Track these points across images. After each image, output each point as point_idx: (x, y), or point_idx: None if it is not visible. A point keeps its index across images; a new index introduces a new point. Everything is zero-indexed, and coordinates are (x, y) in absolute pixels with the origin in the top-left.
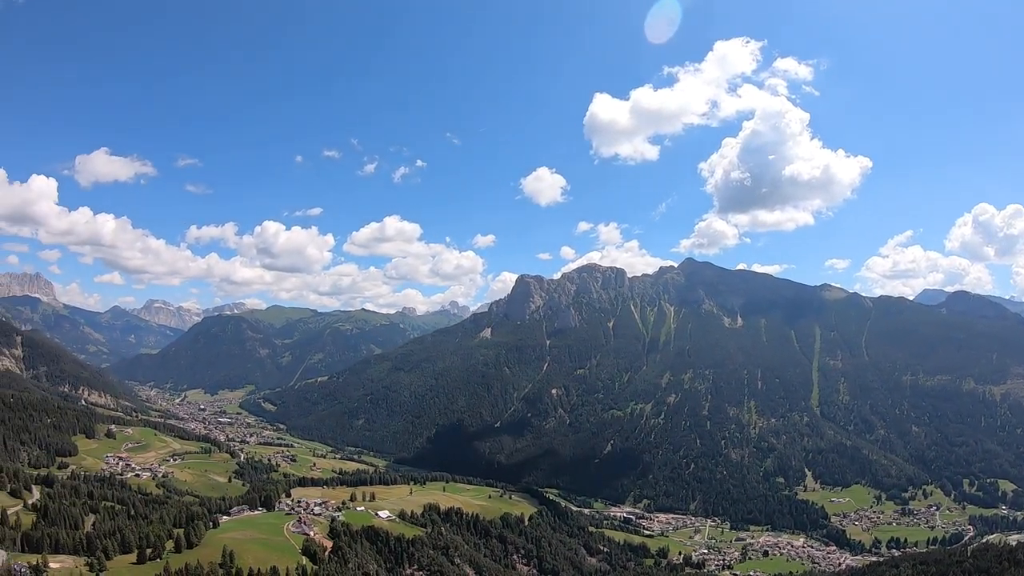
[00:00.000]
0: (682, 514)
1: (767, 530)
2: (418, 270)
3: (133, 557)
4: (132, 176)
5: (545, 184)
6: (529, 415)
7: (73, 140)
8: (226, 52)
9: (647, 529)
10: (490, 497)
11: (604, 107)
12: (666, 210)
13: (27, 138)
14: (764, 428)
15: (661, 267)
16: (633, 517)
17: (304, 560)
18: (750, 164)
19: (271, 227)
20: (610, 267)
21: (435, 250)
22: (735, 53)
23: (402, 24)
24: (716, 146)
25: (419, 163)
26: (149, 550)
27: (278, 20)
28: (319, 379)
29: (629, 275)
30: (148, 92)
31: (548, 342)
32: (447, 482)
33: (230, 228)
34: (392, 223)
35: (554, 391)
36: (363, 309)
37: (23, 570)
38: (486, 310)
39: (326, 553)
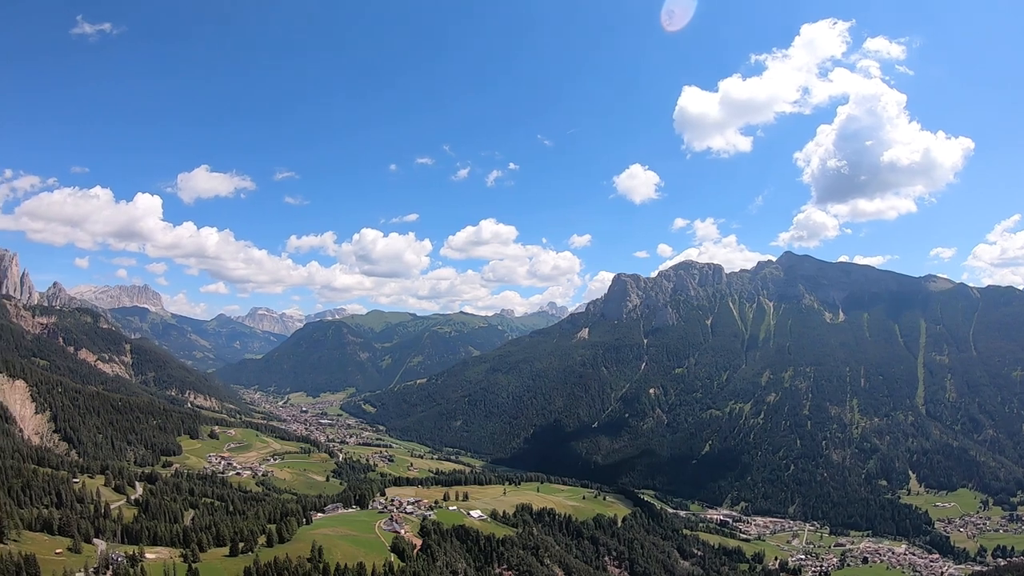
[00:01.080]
0: (780, 517)
1: (868, 535)
2: (515, 272)
3: (226, 550)
4: (232, 191)
5: (638, 181)
6: (627, 415)
7: (174, 160)
8: (317, 69)
9: (743, 533)
10: (584, 498)
11: (693, 100)
12: (763, 203)
13: (130, 160)
14: (867, 428)
15: (759, 262)
16: (730, 520)
17: (392, 557)
18: (847, 151)
19: (369, 234)
20: (707, 263)
21: (532, 251)
22: (823, 36)
23: (487, 31)
24: (810, 134)
25: (511, 166)
26: (242, 544)
27: (367, 34)
28: (418, 381)
29: (727, 271)
30: (244, 111)
31: (646, 341)
32: (542, 483)
33: (329, 237)
34: (488, 226)
35: (652, 391)
36: (461, 312)
37: (119, 559)
38: (583, 310)
39: (415, 551)
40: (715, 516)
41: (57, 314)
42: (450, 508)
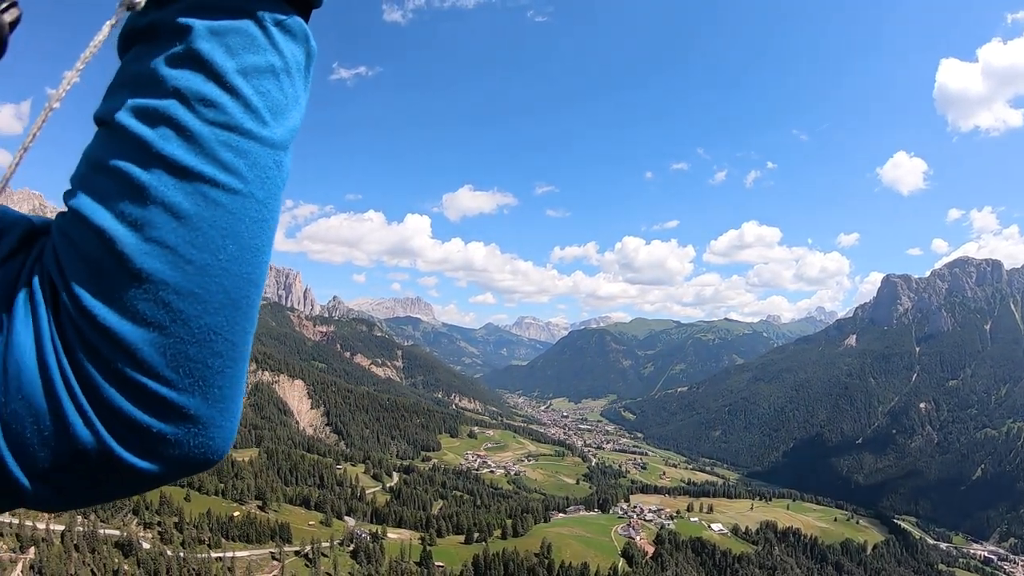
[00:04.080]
0: None
1: None
2: (781, 276)
3: (462, 538)
4: (495, 207)
5: (904, 170)
6: (894, 431)
7: (438, 182)
8: (568, 83)
9: (1007, 573)
10: (836, 520)
11: (952, 74)
12: None
13: (398, 185)
14: None
15: None
16: (995, 558)
17: (621, 562)
18: None
19: (631, 242)
20: (985, 260)
21: (797, 253)
22: None
23: (731, 30)
24: None
25: (769, 165)
26: (477, 534)
27: (615, 45)
28: (679, 389)
29: (1007, 267)
30: (499, 130)
31: (917, 349)
32: (793, 500)
33: (591, 247)
34: (750, 229)
35: (922, 405)
36: (726, 319)
37: (363, 535)
38: (851, 315)
39: (645, 558)
40: (979, 552)
41: (335, 323)
42: (691, 519)
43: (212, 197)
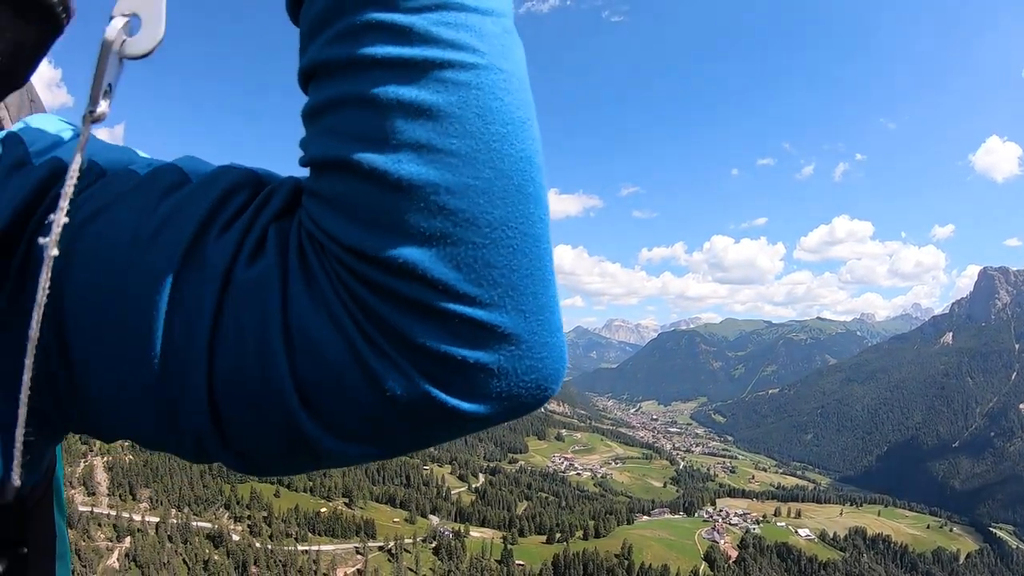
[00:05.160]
0: None
1: None
2: (875, 271)
3: (543, 538)
4: (581, 210)
5: (997, 156)
6: (992, 434)
7: None
8: (647, 86)
9: None
10: (928, 527)
11: None
12: None
13: None
14: None
15: None
16: None
17: (703, 565)
18: None
19: (719, 242)
20: None
21: (891, 248)
22: None
23: (812, 20)
24: None
25: (858, 157)
26: (559, 534)
27: (694, 44)
28: (770, 391)
29: None
30: (582, 133)
31: (1016, 347)
32: (885, 506)
33: (679, 247)
34: (841, 223)
35: (1022, 406)
36: (818, 318)
37: (446, 532)
38: (948, 311)
39: (728, 562)
40: None
41: None
42: (778, 524)
43: (451, 79)
